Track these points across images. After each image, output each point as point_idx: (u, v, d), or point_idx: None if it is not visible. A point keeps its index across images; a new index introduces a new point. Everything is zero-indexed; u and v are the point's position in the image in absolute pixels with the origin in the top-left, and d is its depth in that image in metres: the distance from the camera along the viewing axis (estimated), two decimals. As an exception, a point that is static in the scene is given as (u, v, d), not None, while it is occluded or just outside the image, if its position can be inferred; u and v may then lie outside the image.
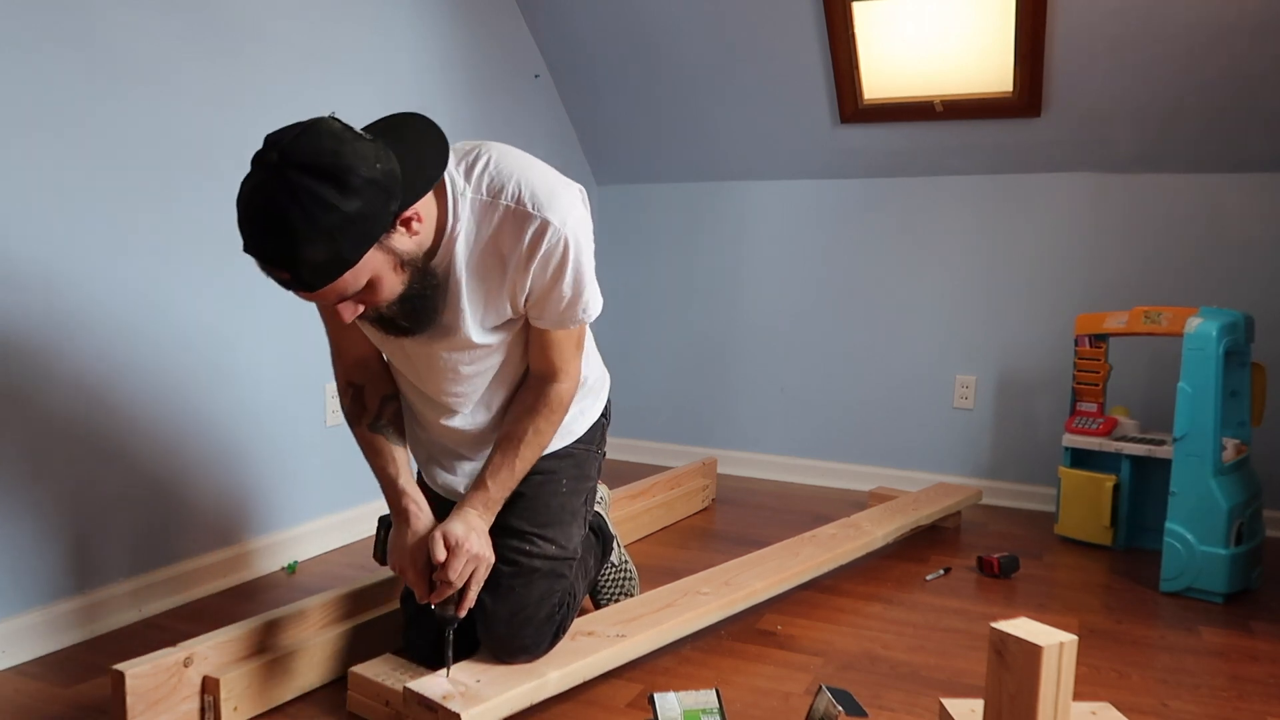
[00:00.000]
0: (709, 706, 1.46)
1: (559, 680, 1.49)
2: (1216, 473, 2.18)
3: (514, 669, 1.48)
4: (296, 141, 1.14)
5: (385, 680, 1.49)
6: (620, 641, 1.59)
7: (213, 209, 2.05)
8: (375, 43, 2.50)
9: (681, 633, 1.73)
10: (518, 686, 1.43)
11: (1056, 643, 1.20)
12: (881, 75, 2.92)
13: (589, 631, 1.63)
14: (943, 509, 2.59)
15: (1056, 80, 2.72)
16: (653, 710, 1.44)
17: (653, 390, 3.60)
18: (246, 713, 1.50)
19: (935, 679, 1.74)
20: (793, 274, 3.34)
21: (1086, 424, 2.59)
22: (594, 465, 1.72)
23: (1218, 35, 2.47)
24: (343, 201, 1.13)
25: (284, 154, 1.13)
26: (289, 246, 1.13)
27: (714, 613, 1.79)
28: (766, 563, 2.02)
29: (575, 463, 1.67)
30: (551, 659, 1.52)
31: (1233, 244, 2.77)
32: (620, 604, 1.76)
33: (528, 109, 3.22)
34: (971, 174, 3.05)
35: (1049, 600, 2.18)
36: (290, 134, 1.15)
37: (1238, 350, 2.27)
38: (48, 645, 1.77)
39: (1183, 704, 1.66)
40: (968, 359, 3.11)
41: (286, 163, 1.12)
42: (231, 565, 2.16)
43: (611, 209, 3.64)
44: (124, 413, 1.90)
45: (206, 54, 2.03)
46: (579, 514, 1.66)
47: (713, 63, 3.08)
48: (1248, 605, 2.16)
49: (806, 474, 3.34)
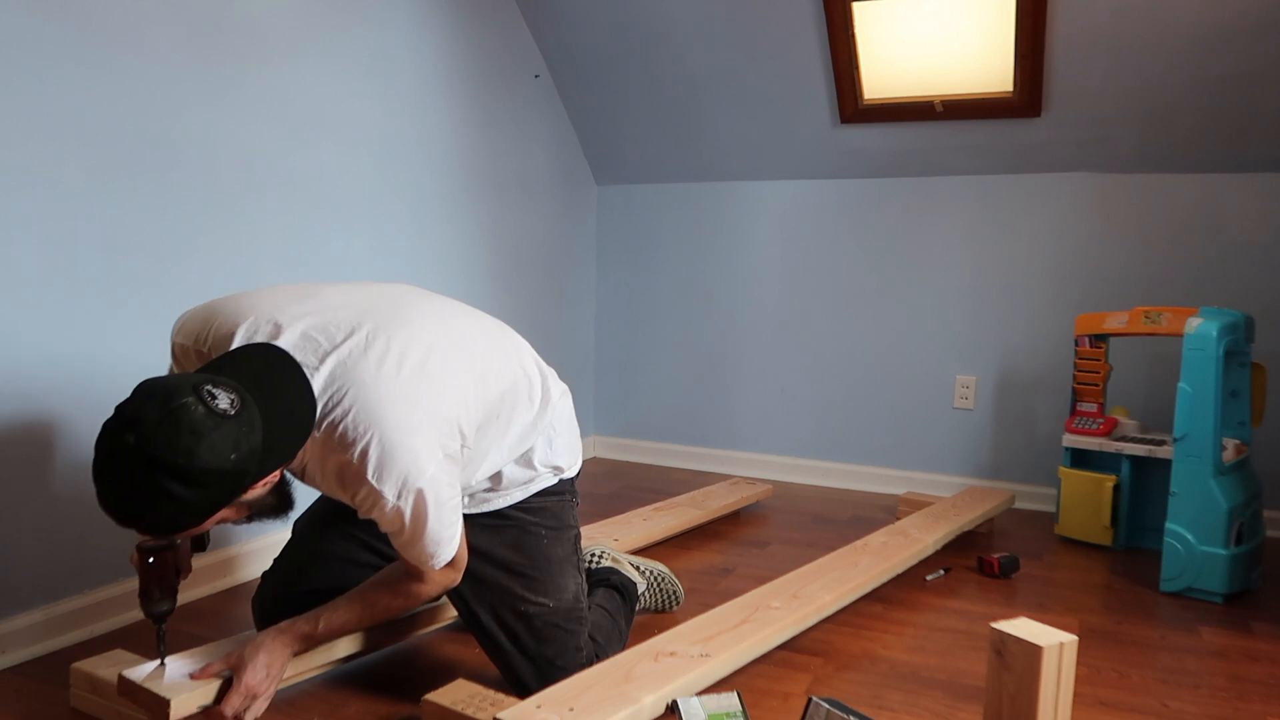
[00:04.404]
0: (732, 710, 1.46)
1: (653, 705, 1.43)
2: (1216, 473, 2.18)
3: (605, 696, 1.42)
4: (155, 430, 1.15)
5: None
6: (706, 661, 1.56)
7: (213, 209, 2.05)
8: (375, 42, 2.50)
9: (761, 650, 1.70)
10: (614, 715, 1.36)
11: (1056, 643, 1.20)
12: (881, 75, 2.92)
13: (671, 651, 1.58)
14: (984, 513, 2.59)
15: (1056, 80, 2.72)
16: (677, 715, 1.43)
17: (652, 390, 3.60)
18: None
19: (935, 679, 1.74)
20: (793, 274, 3.34)
21: (1087, 424, 2.59)
22: (570, 513, 1.70)
23: (1217, 35, 2.47)
24: (188, 493, 1.17)
25: (140, 440, 1.15)
26: (137, 519, 1.20)
27: (790, 628, 1.77)
28: (828, 574, 2.00)
29: (551, 514, 1.66)
30: (644, 682, 1.46)
31: (1233, 244, 2.77)
32: (696, 621, 1.73)
33: (528, 109, 3.22)
34: (971, 174, 3.05)
35: (1049, 600, 2.18)
36: (149, 418, 1.15)
37: (1238, 350, 2.27)
38: (48, 645, 1.77)
39: (1183, 704, 1.66)
40: (968, 359, 3.11)
41: (139, 453, 1.15)
42: (229, 567, 2.16)
43: (611, 209, 3.64)
44: (124, 413, 1.90)
45: (206, 53, 2.03)
46: (568, 562, 1.64)
47: (713, 63, 3.08)
48: (1248, 605, 2.16)
49: (807, 474, 3.34)
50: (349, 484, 1.34)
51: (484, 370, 1.49)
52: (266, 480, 1.28)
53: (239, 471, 1.20)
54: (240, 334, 1.36)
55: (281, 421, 1.25)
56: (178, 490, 1.16)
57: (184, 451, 1.15)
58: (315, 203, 2.33)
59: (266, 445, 1.22)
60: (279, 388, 1.27)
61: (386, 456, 1.30)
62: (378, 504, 1.32)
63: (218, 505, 1.22)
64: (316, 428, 1.31)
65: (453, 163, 2.83)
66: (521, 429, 1.57)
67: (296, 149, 2.27)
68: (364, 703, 1.59)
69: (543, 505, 1.65)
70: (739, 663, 1.65)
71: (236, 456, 1.18)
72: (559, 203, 3.43)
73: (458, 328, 1.51)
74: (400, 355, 1.37)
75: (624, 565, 1.94)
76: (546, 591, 1.58)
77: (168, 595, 1.42)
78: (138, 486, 1.16)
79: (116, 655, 1.55)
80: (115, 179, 1.86)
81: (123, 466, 1.16)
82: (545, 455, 1.64)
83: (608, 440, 3.68)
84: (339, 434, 1.31)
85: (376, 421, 1.31)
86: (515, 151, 3.15)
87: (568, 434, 1.70)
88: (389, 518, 1.34)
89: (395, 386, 1.34)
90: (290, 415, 1.26)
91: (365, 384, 1.33)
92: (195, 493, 1.17)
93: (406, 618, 1.75)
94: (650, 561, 2.05)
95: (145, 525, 1.21)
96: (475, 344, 1.52)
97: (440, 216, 2.79)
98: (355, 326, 1.38)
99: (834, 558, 2.12)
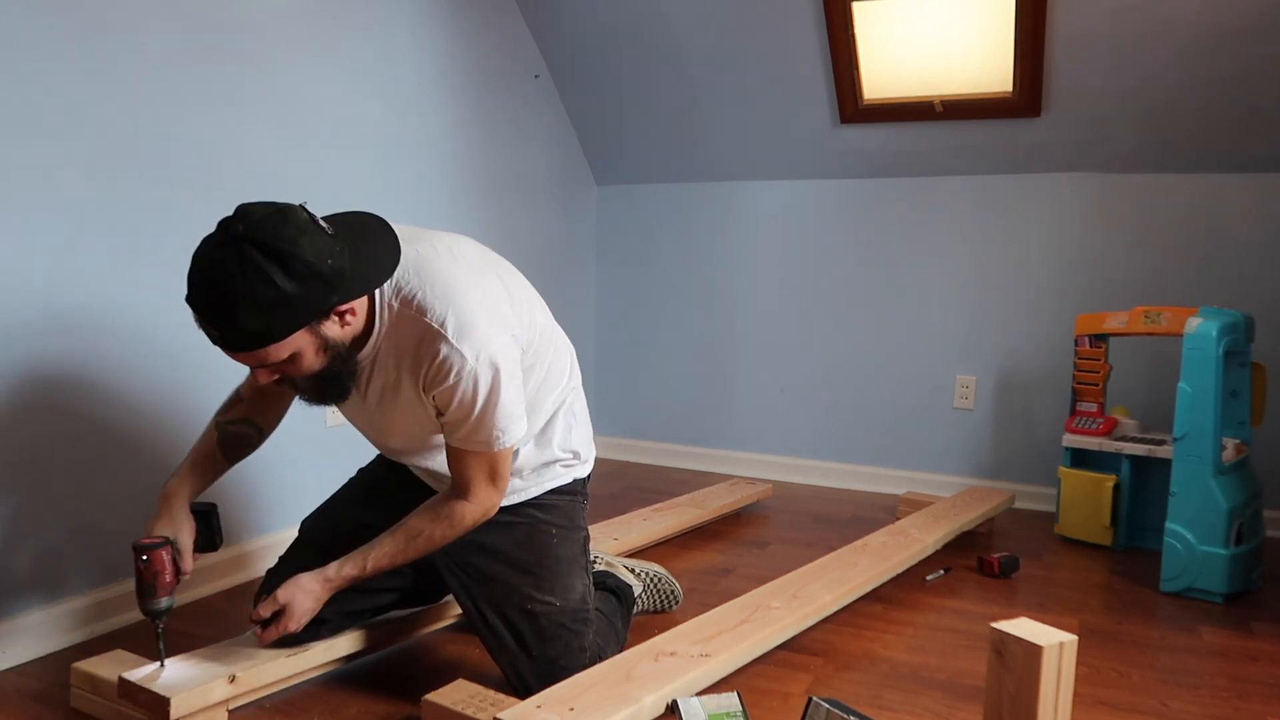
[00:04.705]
0: (732, 710, 1.46)
1: (653, 705, 1.43)
2: (1216, 473, 2.18)
3: (605, 695, 1.42)
4: (264, 220, 1.23)
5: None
6: (706, 661, 1.56)
7: (213, 209, 2.04)
8: (375, 42, 2.50)
9: (762, 649, 1.71)
10: (614, 715, 1.36)
11: (1056, 643, 1.20)
12: (881, 75, 2.92)
13: (671, 652, 1.58)
14: (984, 513, 2.59)
15: (1056, 80, 2.72)
16: (677, 715, 1.43)
17: (652, 390, 3.60)
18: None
19: (935, 679, 1.74)
20: (793, 274, 3.34)
21: (1087, 424, 2.59)
22: (580, 514, 1.72)
23: (1218, 35, 2.47)
24: (285, 283, 1.22)
25: (248, 228, 1.22)
26: (225, 310, 1.23)
27: (790, 628, 1.77)
28: (827, 574, 2.00)
29: (563, 513, 1.67)
30: (644, 682, 1.46)
31: (1233, 244, 2.77)
32: (696, 621, 1.73)
33: (528, 109, 3.22)
34: (971, 174, 3.05)
35: (1049, 600, 2.18)
36: (260, 211, 1.24)
37: (1238, 350, 2.27)
38: (48, 645, 1.77)
39: (1183, 704, 1.66)
40: (968, 359, 3.11)
41: (246, 237, 1.21)
42: (232, 565, 2.16)
43: (611, 209, 3.64)
44: (126, 413, 1.91)
45: (206, 53, 2.03)
46: (576, 562, 1.65)
47: (713, 63, 3.08)
48: (1248, 605, 2.16)
49: (807, 474, 3.34)
50: (426, 350, 1.38)
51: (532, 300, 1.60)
52: (348, 313, 1.32)
53: (333, 277, 1.26)
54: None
55: (369, 257, 1.33)
56: (278, 278, 1.21)
57: (288, 239, 1.22)
58: (315, 203, 2.32)
59: (354, 270, 1.29)
60: (368, 234, 1.37)
61: (466, 319, 1.38)
62: (456, 369, 1.37)
63: (307, 311, 1.25)
64: (395, 299, 1.39)
65: (453, 163, 2.83)
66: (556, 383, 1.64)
67: (296, 149, 2.27)
68: (364, 703, 1.59)
69: (555, 504, 1.66)
70: (739, 663, 1.65)
71: (333, 262, 1.25)
72: (559, 203, 3.43)
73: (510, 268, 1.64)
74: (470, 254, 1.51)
75: (619, 569, 1.94)
76: (554, 590, 1.58)
77: (164, 593, 1.43)
78: (237, 269, 1.20)
79: (116, 655, 1.56)
80: (115, 179, 1.86)
81: (225, 252, 1.21)
82: (565, 438, 1.67)
83: (608, 440, 3.68)
84: (417, 302, 1.38)
85: (453, 293, 1.39)
86: (515, 151, 3.15)
87: (585, 425, 1.74)
88: (463, 386, 1.38)
89: (469, 271, 1.46)
90: (377, 257, 1.35)
91: (441, 268, 1.42)
92: (292, 286, 1.22)
93: (407, 617, 1.75)
94: (646, 563, 2.05)
95: (236, 318, 1.22)
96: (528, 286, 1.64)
97: (440, 216, 2.79)
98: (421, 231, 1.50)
99: (834, 558, 2.12)
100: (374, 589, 1.61)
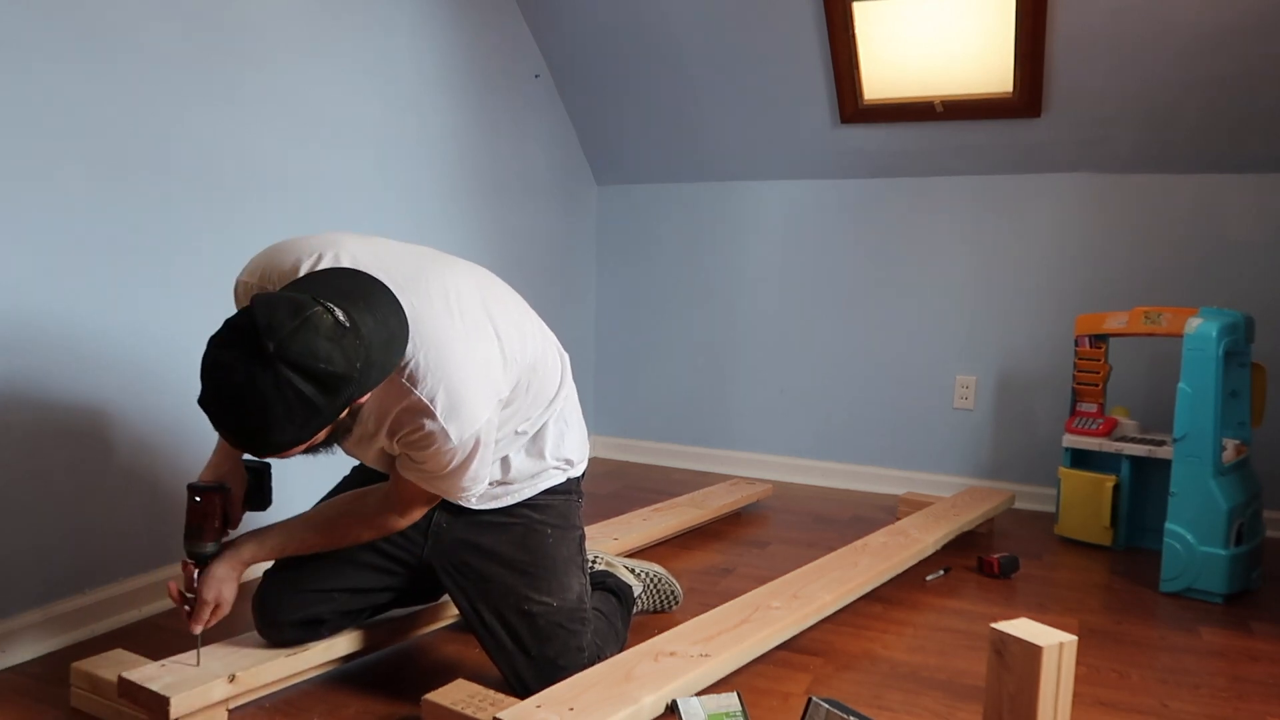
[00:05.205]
0: (732, 710, 1.46)
1: (653, 705, 1.43)
2: (1216, 473, 2.18)
3: (605, 695, 1.42)
4: (293, 337, 1.16)
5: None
6: (706, 661, 1.56)
7: (213, 209, 2.05)
8: (375, 42, 2.50)
9: (761, 650, 1.70)
10: (614, 715, 1.36)
11: (1056, 643, 1.20)
12: (881, 75, 2.92)
13: (671, 651, 1.58)
14: (984, 514, 2.59)
15: (1056, 80, 2.72)
16: (677, 715, 1.42)
17: (652, 390, 3.60)
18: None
19: (935, 679, 1.74)
20: (793, 274, 3.34)
21: (1086, 424, 2.59)
22: (576, 513, 1.72)
23: (1218, 35, 2.47)
24: (319, 399, 1.19)
25: (279, 347, 1.15)
26: (261, 430, 1.19)
27: (790, 628, 1.77)
28: (827, 574, 2.00)
29: (558, 512, 1.67)
30: (644, 682, 1.45)
31: (1233, 244, 2.77)
32: (696, 621, 1.73)
33: (528, 109, 3.22)
34: (971, 174, 3.05)
35: (1049, 600, 2.18)
36: (284, 322, 1.17)
37: (1238, 351, 2.27)
38: (48, 645, 1.77)
39: (1183, 704, 1.66)
40: (968, 359, 3.11)
41: (280, 357, 1.15)
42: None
43: (611, 209, 3.64)
44: (124, 413, 1.90)
45: (206, 53, 2.03)
46: (572, 561, 1.65)
47: (713, 63, 3.08)
48: (1248, 605, 2.16)
49: (807, 474, 3.34)
50: (409, 418, 1.36)
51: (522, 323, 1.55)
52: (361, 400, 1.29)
53: (359, 380, 1.22)
54: (305, 267, 1.38)
55: (384, 342, 1.27)
56: (315, 397, 1.18)
57: (324, 357, 1.17)
58: (315, 203, 2.34)
59: (375, 362, 1.25)
60: (374, 304, 1.29)
61: (456, 397, 1.35)
62: (437, 444, 1.36)
63: (336, 414, 1.23)
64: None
65: (453, 163, 2.83)
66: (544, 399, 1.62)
67: (296, 149, 2.27)
68: (364, 703, 1.59)
69: (549, 503, 1.66)
70: (739, 663, 1.65)
71: (360, 365, 1.22)
72: (559, 203, 3.43)
73: (500, 285, 1.59)
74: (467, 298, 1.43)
75: (619, 569, 1.94)
76: (550, 590, 1.58)
77: (210, 537, 1.45)
78: (279, 391, 1.16)
79: (116, 655, 1.56)
80: (115, 179, 1.86)
81: (260, 375, 1.16)
82: (556, 446, 1.66)
83: (608, 440, 3.68)
84: (409, 371, 1.34)
85: (447, 366, 1.36)
86: (515, 151, 3.15)
87: (578, 428, 1.74)
88: (440, 454, 1.37)
89: (465, 331, 1.40)
90: (390, 337, 1.29)
91: (437, 329, 1.37)
92: (325, 399, 1.19)
93: (406, 617, 1.75)
94: (646, 563, 2.05)
95: (271, 435, 1.19)
96: (517, 302, 1.61)
97: (440, 216, 2.79)
98: (416, 270, 1.42)
99: (834, 558, 2.12)
100: (371, 589, 1.61)
